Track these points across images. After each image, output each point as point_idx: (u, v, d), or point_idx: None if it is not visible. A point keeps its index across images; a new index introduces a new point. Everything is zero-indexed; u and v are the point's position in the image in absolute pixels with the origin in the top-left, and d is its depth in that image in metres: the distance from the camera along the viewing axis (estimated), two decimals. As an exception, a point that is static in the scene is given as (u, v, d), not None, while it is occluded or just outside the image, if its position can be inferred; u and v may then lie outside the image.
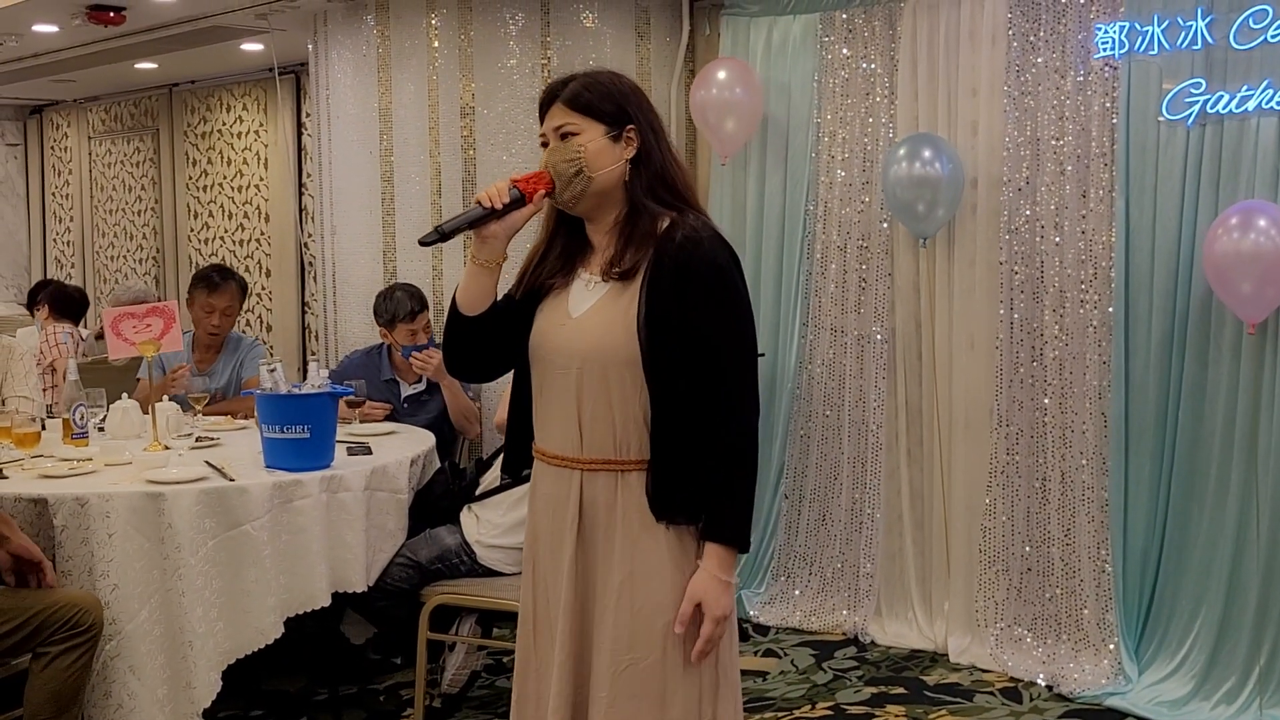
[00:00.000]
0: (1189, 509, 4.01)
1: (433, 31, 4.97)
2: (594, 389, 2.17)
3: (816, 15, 4.72)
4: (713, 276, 2.15)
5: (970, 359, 4.44)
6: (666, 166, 2.22)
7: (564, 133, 2.19)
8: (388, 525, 3.67)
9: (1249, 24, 3.80)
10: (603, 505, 2.20)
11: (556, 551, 2.25)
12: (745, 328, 2.18)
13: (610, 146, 2.18)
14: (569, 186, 2.17)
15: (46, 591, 3.06)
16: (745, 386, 2.17)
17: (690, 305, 2.13)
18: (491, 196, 2.16)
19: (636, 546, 2.17)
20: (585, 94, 2.20)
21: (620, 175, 2.19)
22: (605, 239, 2.23)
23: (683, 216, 2.19)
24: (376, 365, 4.53)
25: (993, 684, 4.19)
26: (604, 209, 2.22)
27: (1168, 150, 3.98)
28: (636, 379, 2.15)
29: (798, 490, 4.86)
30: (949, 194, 4.32)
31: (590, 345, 2.17)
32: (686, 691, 2.17)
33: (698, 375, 2.13)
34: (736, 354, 2.16)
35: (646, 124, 2.22)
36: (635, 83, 2.27)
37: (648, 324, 2.13)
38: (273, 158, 7.63)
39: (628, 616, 2.17)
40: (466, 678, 3.90)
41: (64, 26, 5.92)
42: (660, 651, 2.16)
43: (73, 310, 6.16)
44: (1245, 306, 3.74)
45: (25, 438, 3.68)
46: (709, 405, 2.13)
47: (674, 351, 2.13)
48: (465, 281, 2.25)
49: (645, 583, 2.16)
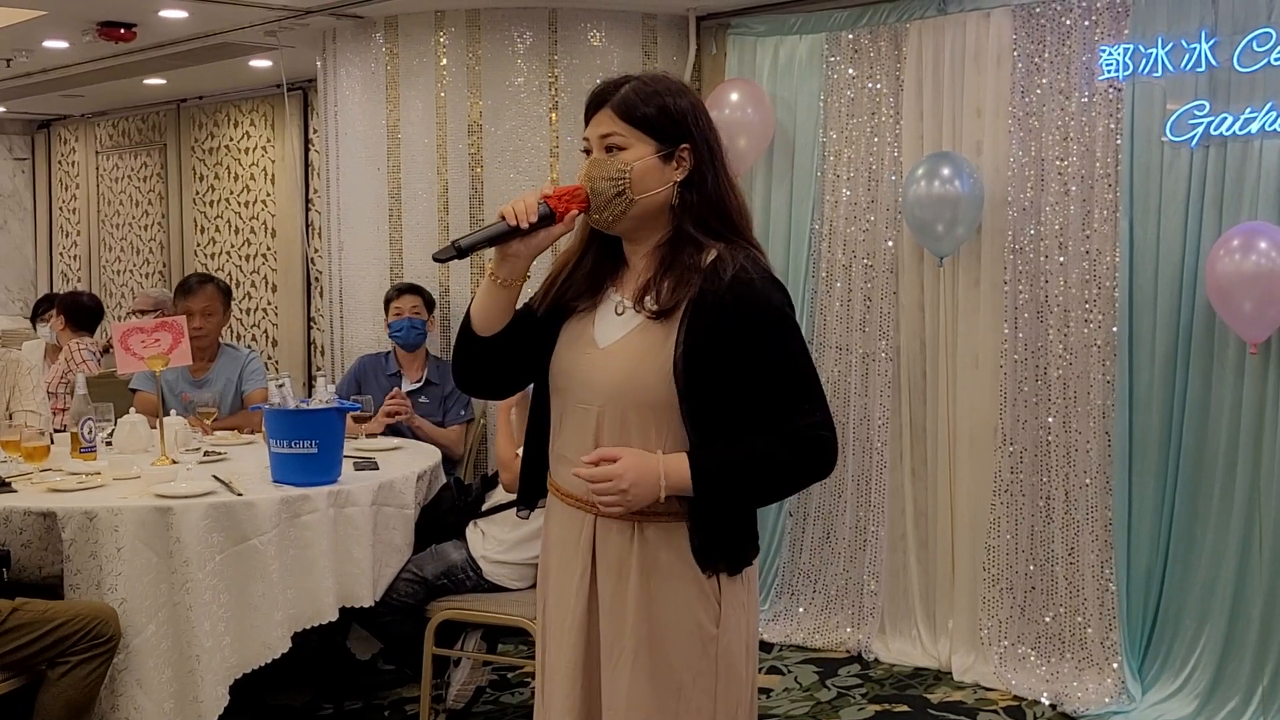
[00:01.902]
0: (1193, 528, 4.02)
1: (441, 49, 5.00)
2: (612, 432, 1.99)
3: (822, 35, 4.76)
4: (768, 320, 1.95)
5: (975, 378, 4.45)
6: (721, 192, 2.01)
7: (609, 144, 1.98)
8: (394, 540, 3.68)
9: (1252, 47, 3.83)
10: (617, 559, 2.02)
11: (564, 601, 2.09)
12: (805, 369, 1.99)
13: (659, 167, 1.97)
14: (608, 207, 1.97)
15: (68, 603, 3.09)
16: (814, 421, 1.97)
17: (741, 351, 1.93)
18: (518, 213, 1.95)
19: (654, 604, 2.00)
20: (640, 106, 1.97)
21: (667, 199, 1.98)
22: (644, 261, 2.03)
23: (731, 250, 1.98)
24: (384, 363, 4.74)
25: (996, 702, 4.19)
26: (645, 231, 2.02)
27: (1171, 171, 4.01)
28: (662, 426, 1.97)
29: (802, 508, 4.87)
30: (969, 213, 4.33)
31: (615, 384, 1.98)
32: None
33: (750, 423, 1.95)
34: (800, 394, 1.97)
35: (704, 144, 2.00)
36: (698, 97, 2.05)
37: (687, 368, 1.93)
38: (280, 173, 7.66)
39: (644, 677, 2.00)
40: (471, 693, 3.91)
41: (74, 42, 5.96)
42: (674, 716, 2.01)
43: (89, 320, 6.02)
44: (1247, 326, 3.76)
45: (34, 451, 3.69)
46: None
47: (718, 398, 1.94)
48: (481, 299, 2.04)
49: (661, 644, 1.99)
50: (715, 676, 2.02)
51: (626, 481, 1.91)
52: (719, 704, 2.03)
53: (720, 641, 2.02)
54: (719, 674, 2.03)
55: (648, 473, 1.92)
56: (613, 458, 1.93)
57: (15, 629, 3.01)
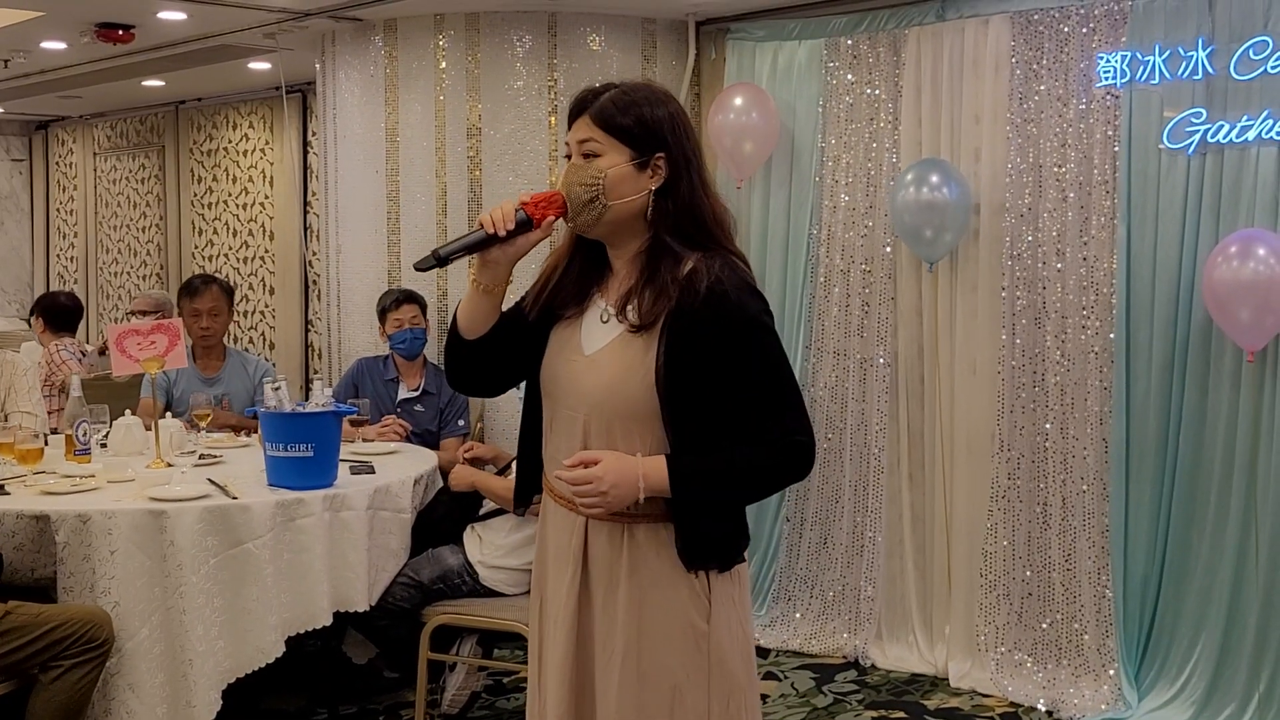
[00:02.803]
0: (1189, 535, 4.02)
1: (440, 52, 5.00)
2: (599, 439, 2.04)
3: (821, 41, 4.76)
4: (742, 331, 1.99)
5: (972, 384, 4.45)
6: (695, 200, 2.04)
7: (586, 151, 2.03)
8: (390, 544, 3.68)
9: (1249, 55, 3.83)
10: (605, 560, 2.06)
11: (557, 600, 2.13)
12: (783, 377, 2.03)
13: (633, 174, 2.01)
14: (583, 212, 2.02)
15: (62, 606, 3.08)
16: (791, 428, 2.02)
17: (719, 363, 1.98)
18: (495, 220, 2.00)
19: (644, 605, 2.03)
20: (617, 115, 2.02)
21: (642, 206, 2.02)
22: (626, 267, 2.08)
23: (708, 259, 2.01)
24: (381, 367, 4.73)
25: (993, 709, 4.19)
26: (624, 236, 2.07)
27: (1169, 179, 4.01)
28: (646, 433, 2.01)
29: (799, 513, 4.87)
30: (956, 219, 4.34)
31: (601, 393, 2.03)
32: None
33: (727, 429, 2.00)
34: (777, 403, 2.01)
35: (679, 153, 2.03)
36: (680, 107, 2.08)
37: (667, 379, 1.98)
38: (278, 176, 7.66)
39: (634, 679, 2.03)
40: (467, 698, 3.90)
41: (73, 44, 5.95)
42: (667, 716, 2.04)
43: (68, 320, 5.92)
44: (1244, 334, 3.76)
45: (28, 454, 3.68)
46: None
47: (699, 408, 1.99)
48: (465, 304, 2.11)
49: (652, 645, 2.03)
50: (708, 674, 2.04)
51: (606, 484, 1.96)
52: (713, 702, 2.05)
53: (712, 638, 2.05)
54: (712, 670, 2.05)
55: (627, 474, 1.97)
56: (593, 460, 1.99)
57: (8, 632, 3.00)
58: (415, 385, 4.67)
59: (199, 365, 4.72)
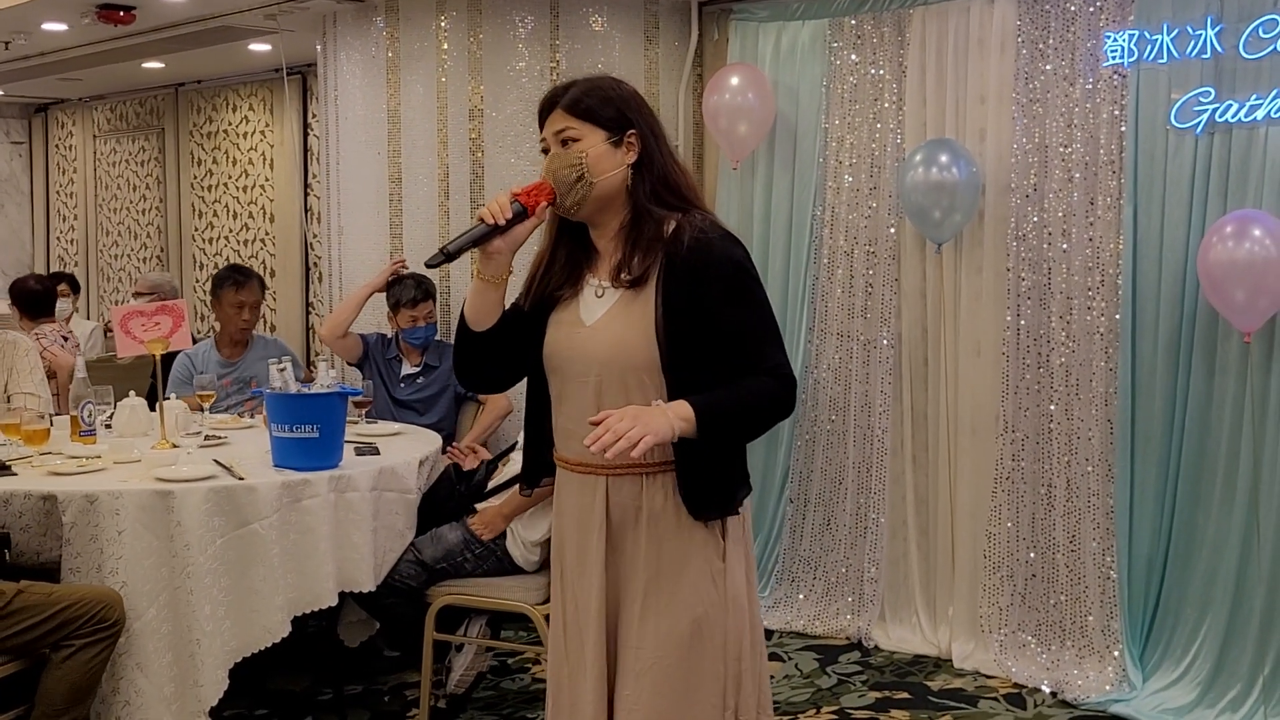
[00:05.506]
0: (1194, 516, 4.02)
1: (442, 34, 4.98)
2: (614, 395, 2.18)
3: (825, 21, 4.74)
4: (730, 274, 2.17)
5: (976, 365, 4.44)
6: (668, 169, 2.24)
7: (564, 138, 2.20)
8: (396, 525, 3.67)
9: (1258, 33, 3.81)
10: (629, 509, 2.22)
11: (584, 558, 2.27)
12: (769, 316, 2.21)
13: (611, 152, 2.20)
14: (570, 192, 2.18)
15: (73, 586, 3.08)
16: (780, 362, 2.18)
17: (711, 305, 2.15)
18: (494, 213, 2.16)
19: (663, 547, 2.21)
20: (585, 100, 2.21)
21: (622, 180, 2.21)
22: (611, 244, 2.25)
23: (688, 218, 2.20)
24: (385, 344, 4.82)
25: (997, 690, 4.20)
26: (607, 214, 2.23)
27: (1176, 159, 3.99)
28: (655, 382, 2.17)
29: (802, 495, 4.87)
30: (965, 199, 4.32)
31: (608, 352, 2.19)
32: (709, 687, 2.20)
33: (723, 370, 2.15)
34: (766, 338, 2.19)
35: (647, 129, 2.23)
36: (635, 89, 2.30)
37: (667, 328, 2.15)
38: (278, 158, 7.64)
39: (653, 616, 2.20)
40: (473, 679, 3.90)
41: (73, 25, 5.93)
42: (684, 649, 2.19)
43: (42, 304, 5.69)
44: (1239, 315, 3.75)
45: (34, 434, 3.68)
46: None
47: (696, 352, 2.15)
48: (471, 298, 2.26)
49: (670, 582, 2.20)
50: (725, 609, 2.22)
51: (630, 416, 2.04)
52: (729, 635, 2.23)
53: (728, 575, 2.24)
54: (728, 606, 2.23)
55: (653, 413, 2.07)
56: (610, 417, 2.09)
57: (19, 611, 3.00)
58: (417, 362, 4.77)
59: (223, 352, 4.89)
